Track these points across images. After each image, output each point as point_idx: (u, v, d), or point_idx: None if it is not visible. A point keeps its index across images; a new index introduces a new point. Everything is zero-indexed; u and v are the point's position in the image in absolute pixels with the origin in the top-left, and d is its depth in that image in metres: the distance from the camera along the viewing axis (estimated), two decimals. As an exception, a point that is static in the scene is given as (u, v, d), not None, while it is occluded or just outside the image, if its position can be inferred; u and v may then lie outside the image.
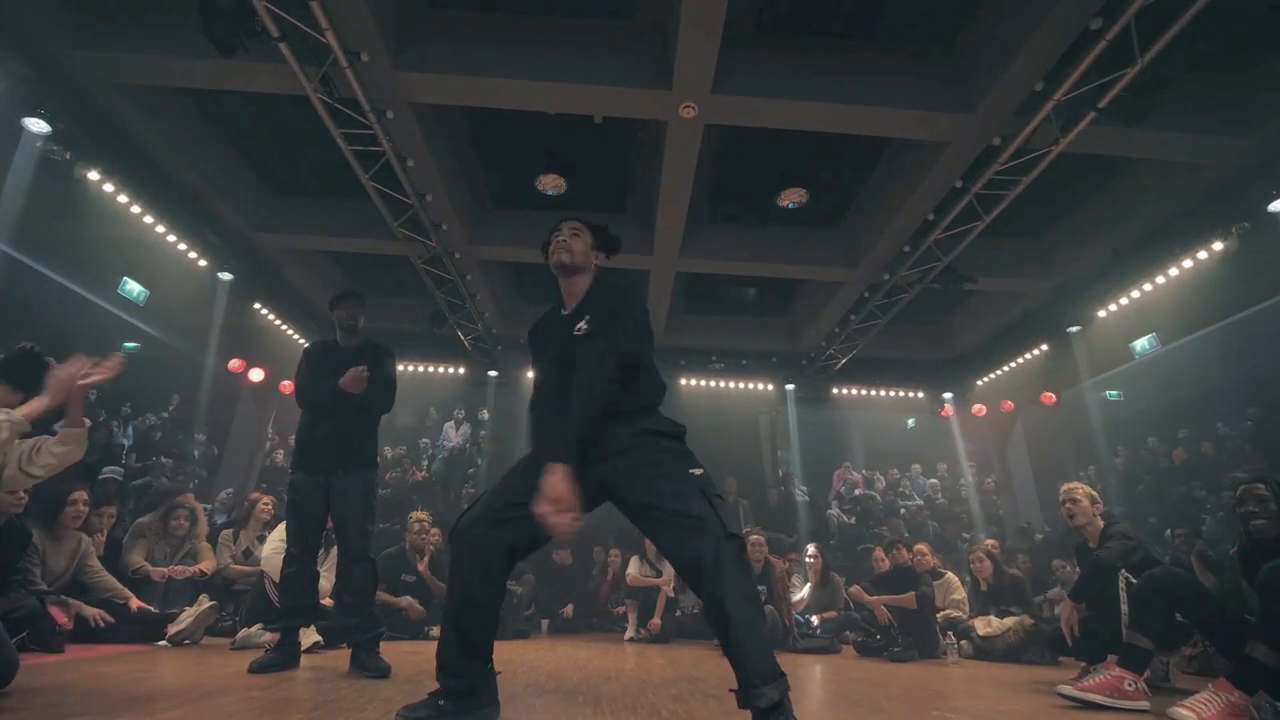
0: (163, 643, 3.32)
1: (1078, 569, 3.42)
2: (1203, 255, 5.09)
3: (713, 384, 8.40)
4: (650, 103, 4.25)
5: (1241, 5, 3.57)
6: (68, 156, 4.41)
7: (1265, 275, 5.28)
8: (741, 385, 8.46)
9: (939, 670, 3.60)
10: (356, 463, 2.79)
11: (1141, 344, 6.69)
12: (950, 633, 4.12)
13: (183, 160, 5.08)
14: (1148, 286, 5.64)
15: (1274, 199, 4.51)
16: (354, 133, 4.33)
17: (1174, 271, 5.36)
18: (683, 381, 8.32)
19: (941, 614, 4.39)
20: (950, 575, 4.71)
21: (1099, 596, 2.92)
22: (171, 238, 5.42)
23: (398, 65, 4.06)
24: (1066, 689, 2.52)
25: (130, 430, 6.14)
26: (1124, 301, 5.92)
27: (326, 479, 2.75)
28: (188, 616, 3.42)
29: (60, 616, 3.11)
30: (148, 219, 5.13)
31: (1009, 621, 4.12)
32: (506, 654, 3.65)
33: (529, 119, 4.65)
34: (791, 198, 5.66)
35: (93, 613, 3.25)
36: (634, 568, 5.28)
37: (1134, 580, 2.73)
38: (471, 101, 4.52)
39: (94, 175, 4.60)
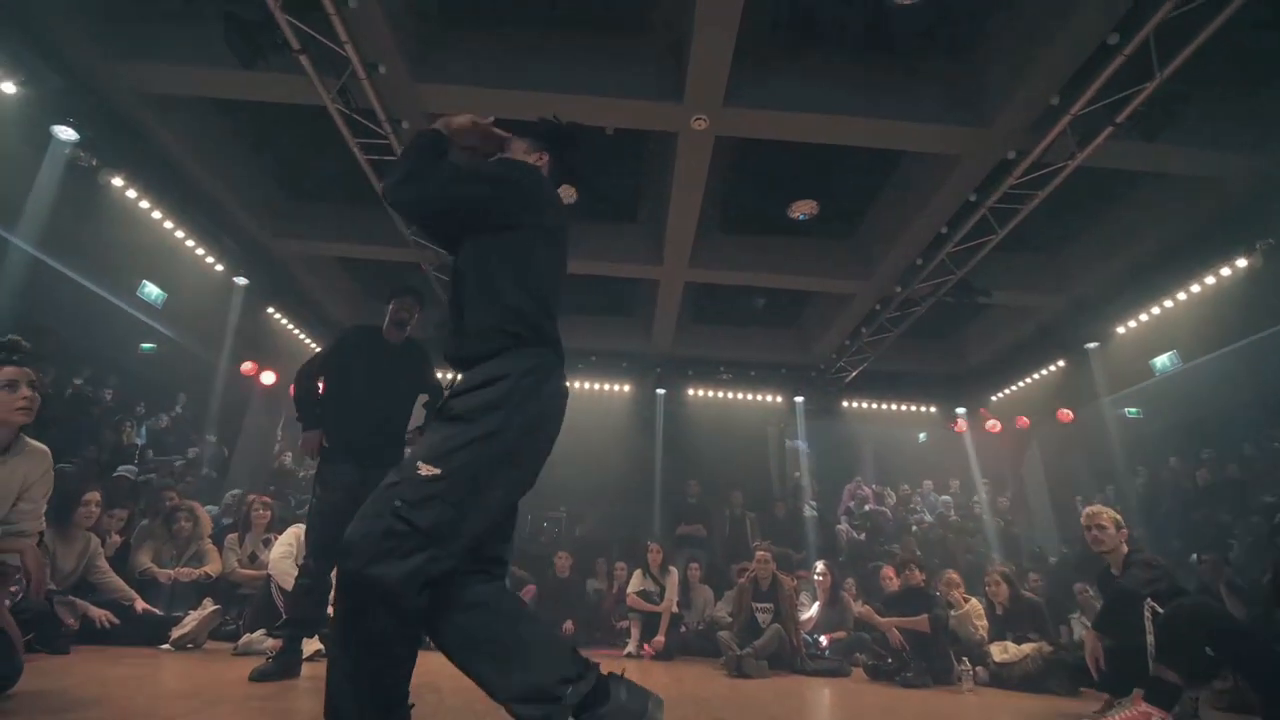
0: (166, 646, 3.32)
1: (1101, 596, 3.31)
2: (1225, 271, 4.98)
3: (721, 395, 8.33)
4: (662, 115, 4.27)
5: (1261, 21, 3.51)
6: (94, 163, 4.53)
7: (1291, 293, 5.14)
8: (750, 396, 8.39)
9: (953, 698, 3.49)
10: (395, 459, 2.64)
11: (1162, 361, 6.53)
12: (965, 658, 3.99)
13: (203, 167, 5.18)
14: (1168, 303, 5.52)
15: (1300, 215, 4.41)
16: (370, 142, 4.39)
17: (1195, 288, 5.24)
18: (691, 392, 8.26)
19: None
20: (975, 602, 4.42)
21: (1123, 626, 2.81)
22: (190, 243, 5.52)
23: (415, 77, 4.12)
24: (1088, 722, 2.42)
25: (144, 430, 6.21)
26: (1144, 318, 5.80)
27: (362, 475, 2.53)
28: (191, 620, 3.42)
29: (67, 617, 3.13)
30: (168, 224, 5.24)
31: (1026, 648, 3.98)
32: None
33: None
34: (803, 209, 5.63)
35: (99, 614, 3.26)
36: (636, 583, 5.20)
37: (1160, 610, 2.63)
38: (487, 113, 4.56)
39: (118, 181, 4.71)
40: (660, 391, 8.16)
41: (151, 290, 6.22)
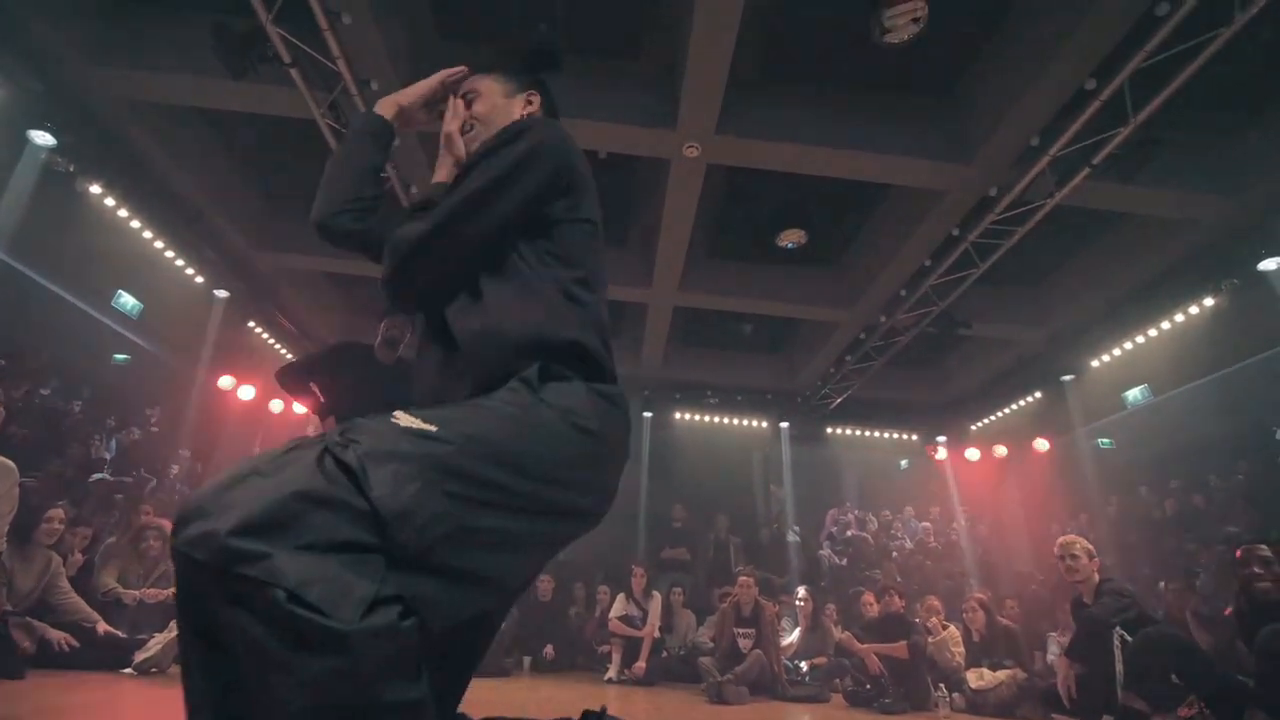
0: (128, 670, 3.17)
1: (1074, 623, 3.36)
2: (1194, 310, 5.18)
3: (707, 419, 8.36)
4: (655, 141, 4.34)
5: (1232, 70, 3.71)
6: (71, 169, 4.44)
7: (1255, 331, 5.36)
8: (736, 421, 8.42)
9: (931, 726, 3.50)
10: None
11: (1134, 394, 6.74)
12: (942, 684, 4.01)
13: (185, 177, 5.11)
14: (1140, 338, 5.72)
15: (1263, 257, 4.62)
16: (362, 158, 4.37)
17: (1166, 325, 5.44)
18: (677, 415, 8.28)
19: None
20: (953, 629, 4.50)
21: (1094, 654, 2.86)
22: (169, 253, 5.42)
23: (409, 96, 4.14)
24: (1063, 753, 2.44)
25: (113, 444, 6.01)
26: (1117, 352, 5.99)
27: None
28: (157, 643, 3.28)
29: (22, 640, 2.98)
30: (146, 234, 5.14)
31: (1001, 675, 4.03)
32: (487, 695, 3.51)
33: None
34: (791, 238, 5.73)
35: (58, 636, 3.12)
36: (619, 608, 5.14)
37: (1128, 638, 2.69)
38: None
39: (96, 189, 4.62)
40: (647, 415, 8.15)
41: (127, 300, 6.08)
